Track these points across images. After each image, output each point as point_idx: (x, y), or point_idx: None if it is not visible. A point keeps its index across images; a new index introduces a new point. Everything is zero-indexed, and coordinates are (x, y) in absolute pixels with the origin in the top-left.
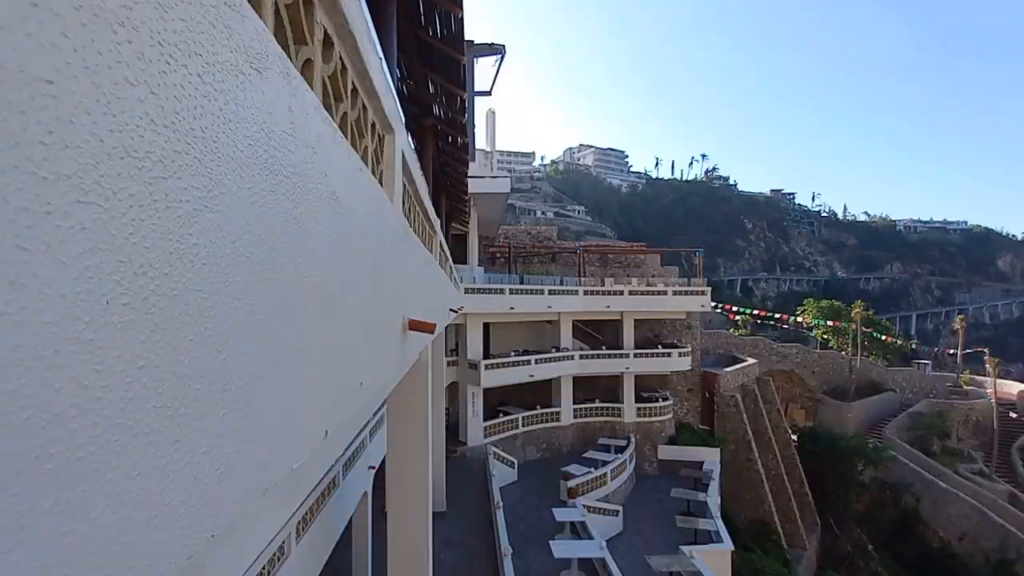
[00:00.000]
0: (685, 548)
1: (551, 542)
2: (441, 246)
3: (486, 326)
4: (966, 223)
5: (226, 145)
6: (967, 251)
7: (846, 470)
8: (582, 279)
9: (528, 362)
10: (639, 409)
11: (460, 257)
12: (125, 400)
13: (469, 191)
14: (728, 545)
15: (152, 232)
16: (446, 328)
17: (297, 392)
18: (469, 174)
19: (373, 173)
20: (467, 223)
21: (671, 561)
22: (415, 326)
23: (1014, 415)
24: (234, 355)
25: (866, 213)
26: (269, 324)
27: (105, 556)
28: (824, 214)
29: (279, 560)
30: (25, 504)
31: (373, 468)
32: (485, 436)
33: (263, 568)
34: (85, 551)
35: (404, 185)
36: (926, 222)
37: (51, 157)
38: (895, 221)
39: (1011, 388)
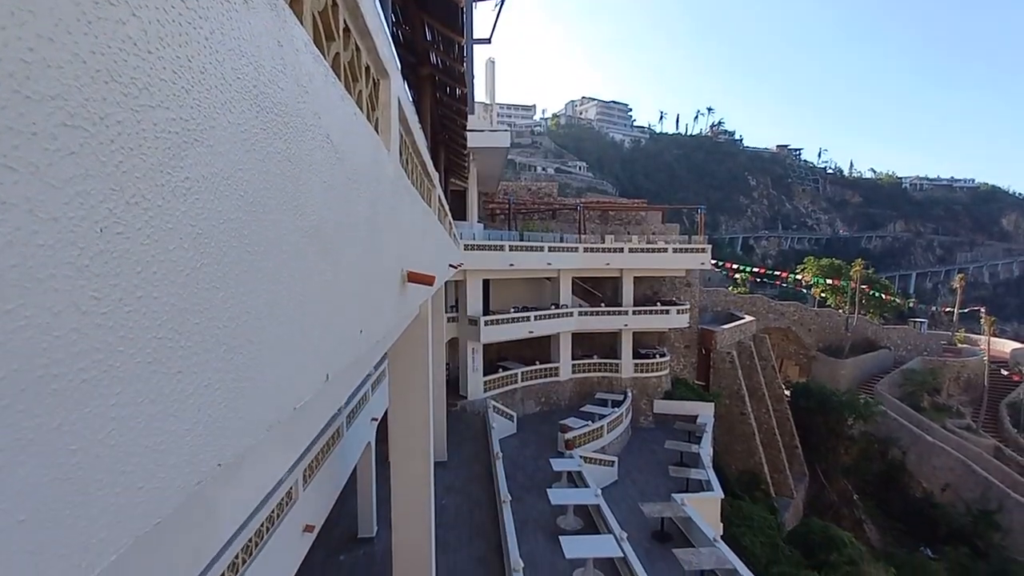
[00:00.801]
0: (677, 496)
1: (548, 490)
2: (440, 201)
3: (486, 282)
4: (973, 180)
5: (214, 77)
6: (972, 209)
7: (836, 424)
8: (582, 236)
9: (527, 318)
10: (636, 365)
11: (459, 213)
12: (125, 328)
13: (468, 145)
14: (718, 493)
15: (142, 162)
16: (446, 284)
17: (297, 334)
18: (468, 127)
19: (368, 119)
20: (466, 178)
21: (663, 508)
22: (414, 278)
23: (1005, 372)
24: (232, 293)
25: (872, 170)
26: (266, 265)
27: (115, 475)
28: (830, 171)
29: (287, 504)
30: (31, 421)
31: (376, 420)
32: (485, 390)
33: (272, 511)
34: (95, 469)
35: (401, 135)
36: (933, 179)
37: (33, 76)
38: (901, 178)
39: (1004, 346)
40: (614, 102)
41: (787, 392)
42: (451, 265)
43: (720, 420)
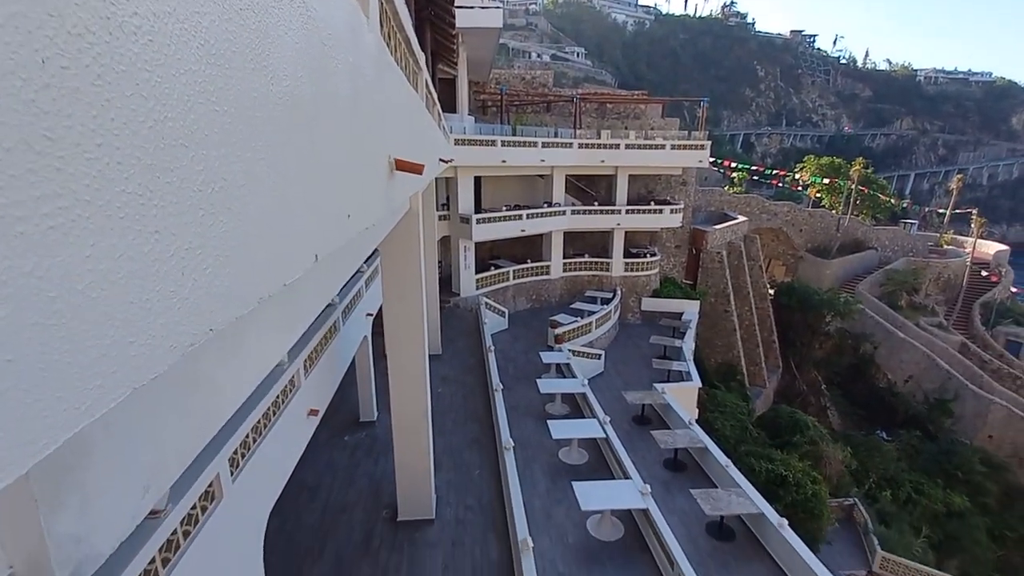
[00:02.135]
0: (658, 386)
1: (538, 380)
2: (428, 87)
3: (477, 180)
4: (991, 75)
5: None
6: (983, 106)
7: (814, 321)
8: (577, 131)
9: (519, 217)
10: (627, 264)
11: (449, 105)
12: (88, 176)
13: (457, 24)
14: (696, 383)
15: None
16: (436, 181)
17: (279, 209)
18: (457, 2)
19: None
20: (455, 64)
21: (644, 396)
22: (402, 166)
23: (985, 273)
24: (203, 155)
25: (888, 61)
26: (239, 130)
27: (103, 328)
28: (843, 61)
29: (291, 390)
30: (2, 264)
31: (371, 315)
32: (477, 288)
33: (278, 397)
34: (78, 320)
35: (381, 2)
36: (949, 72)
37: None
38: (916, 71)
39: (989, 248)
40: None
41: (771, 291)
42: (441, 159)
43: (704, 317)
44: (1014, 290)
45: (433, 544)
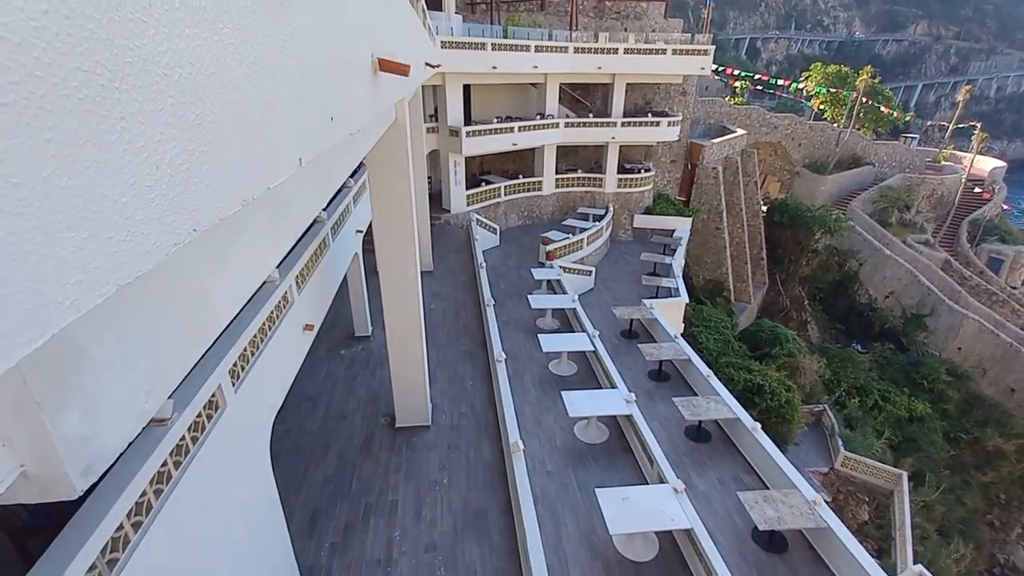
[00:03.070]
0: (647, 301)
1: (529, 296)
2: None
3: (466, 88)
4: None
5: None
6: (1003, 11)
7: (804, 238)
8: (573, 32)
9: (511, 130)
10: (620, 180)
11: (434, 2)
12: (37, 48)
13: None
14: (684, 299)
15: None
16: (423, 90)
17: (257, 105)
18: None
19: None
20: None
21: (632, 311)
22: (386, 67)
23: (978, 190)
24: (163, 35)
25: None
26: (205, 7)
27: (76, 220)
28: None
29: (285, 306)
30: None
31: (360, 231)
32: (468, 204)
33: (272, 313)
34: (47, 208)
35: None
36: None
37: None
38: None
39: (986, 165)
40: None
41: (764, 208)
42: (428, 64)
43: (695, 234)
44: (1005, 207)
45: (430, 447)
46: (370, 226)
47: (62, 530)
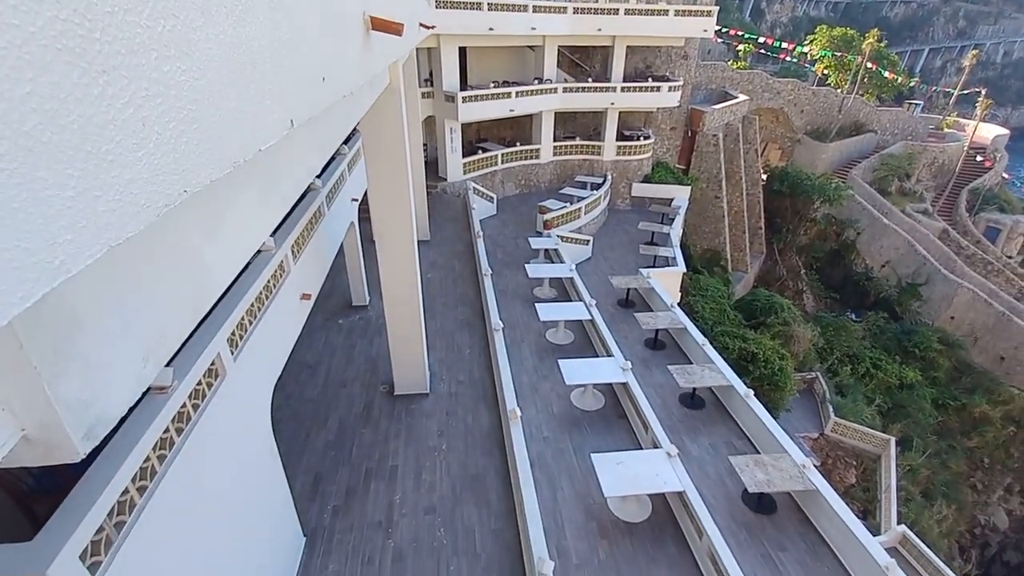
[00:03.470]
0: (644, 270)
1: (527, 265)
2: None
3: (462, 51)
4: None
5: None
6: None
7: (803, 207)
8: None
9: (508, 95)
10: (619, 148)
11: None
12: None
13: None
14: (681, 268)
15: None
16: (418, 53)
17: (246, 63)
18: None
19: None
20: None
21: (630, 280)
22: (379, 25)
23: (980, 158)
24: None
25: None
26: None
27: (60, 177)
28: None
29: (281, 275)
30: None
31: (356, 200)
32: (464, 173)
33: (268, 282)
34: (30, 164)
35: None
36: None
37: None
38: None
39: (989, 132)
40: None
41: (764, 176)
42: (422, 24)
43: (694, 203)
44: (1005, 176)
45: (428, 414)
46: (366, 195)
47: (68, 494)
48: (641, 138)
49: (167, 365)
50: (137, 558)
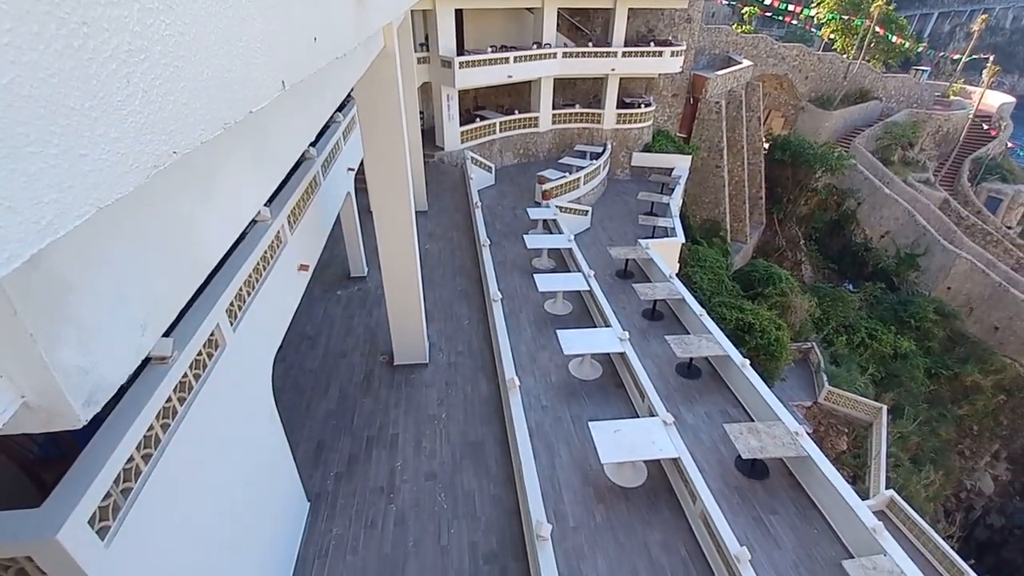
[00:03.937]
0: (643, 241)
1: (525, 236)
2: None
3: (459, 14)
4: None
5: None
6: None
7: (804, 177)
8: None
9: (506, 60)
10: (619, 116)
11: None
12: None
13: None
14: (680, 239)
15: None
16: (413, 16)
17: (234, 15)
18: None
19: None
20: None
21: (628, 251)
22: None
23: (985, 127)
24: None
25: None
26: None
27: (41, 133)
28: None
29: (278, 246)
30: None
31: (352, 169)
32: (462, 142)
33: (265, 252)
34: (9, 119)
35: None
36: None
37: None
38: None
39: (995, 100)
40: None
41: (766, 145)
42: None
43: (694, 172)
44: (1009, 144)
45: (428, 384)
46: (362, 164)
47: (74, 462)
48: (642, 105)
49: (167, 335)
50: (145, 524)
